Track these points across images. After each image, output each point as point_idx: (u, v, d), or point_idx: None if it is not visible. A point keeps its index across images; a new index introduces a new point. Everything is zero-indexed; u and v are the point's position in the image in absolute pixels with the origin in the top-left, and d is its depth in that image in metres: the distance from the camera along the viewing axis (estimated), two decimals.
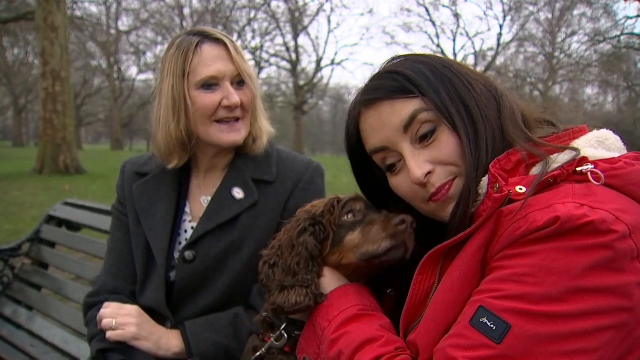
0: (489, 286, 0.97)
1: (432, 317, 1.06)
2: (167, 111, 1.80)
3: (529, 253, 0.94)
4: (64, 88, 16.29)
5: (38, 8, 16.14)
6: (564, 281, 0.90)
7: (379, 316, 1.21)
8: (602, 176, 1.00)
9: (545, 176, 1.01)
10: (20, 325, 2.97)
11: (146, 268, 1.90)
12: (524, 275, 0.93)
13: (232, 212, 1.84)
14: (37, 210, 9.40)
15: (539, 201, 0.97)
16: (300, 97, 43.70)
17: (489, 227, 1.01)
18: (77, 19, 35.69)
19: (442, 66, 1.17)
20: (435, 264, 1.10)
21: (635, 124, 36.49)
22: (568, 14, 40.05)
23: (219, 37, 1.81)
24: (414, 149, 1.16)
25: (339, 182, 14.71)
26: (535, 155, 1.08)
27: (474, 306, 0.97)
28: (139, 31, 44.77)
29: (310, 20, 45.74)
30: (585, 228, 0.90)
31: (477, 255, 1.02)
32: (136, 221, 1.93)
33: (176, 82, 1.78)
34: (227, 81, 1.80)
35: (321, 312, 1.24)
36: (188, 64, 1.77)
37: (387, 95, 1.16)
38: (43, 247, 3.27)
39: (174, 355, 1.75)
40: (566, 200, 0.95)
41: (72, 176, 15.80)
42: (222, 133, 1.81)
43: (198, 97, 1.78)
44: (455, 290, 1.03)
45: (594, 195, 0.96)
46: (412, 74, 1.15)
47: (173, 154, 1.87)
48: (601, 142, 1.11)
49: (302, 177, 1.91)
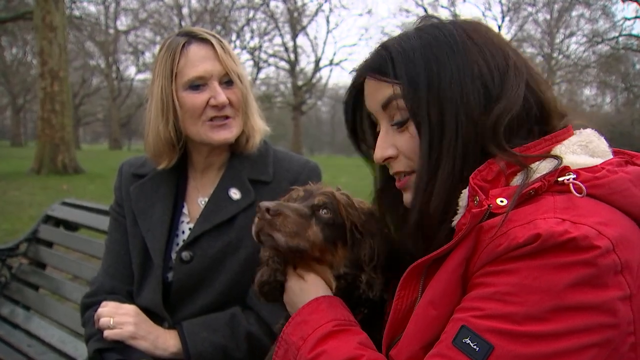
0: (472, 304, 0.95)
1: (412, 332, 1.04)
2: (157, 112, 1.82)
3: (511, 271, 0.91)
4: (62, 88, 16.28)
5: (36, 8, 16.12)
6: (547, 300, 0.88)
7: (355, 331, 1.18)
8: (584, 189, 0.97)
9: (526, 189, 0.98)
10: (18, 325, 2.97)
11: (143, 269, 1.90)
12: (506, 294, 0.91)
13: (229, 213, 1.84)
14: (35, 210, 9.38)
15: (519, 216, 0.94)
16: (299, 98, 43.70)
17: (470, 242, 0.99)
18: (75, 19, 35.67)
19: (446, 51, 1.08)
20: (417, 278, 1.07)
21: (633, 125, 36.59)
22: (566, 15, 40.14)
23: (206, 37, 1.81)
24: (389, 128, 1.16)
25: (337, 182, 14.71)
26: (515, 165, 1.04)
27: (457, 325, 0.95)
28: (137, 31, 44.80)
29: (309, 21, 45.81)
30: (567, 245, 0.88)
31: (458, 271, 0.99)
32: (133, 222, 1.94)
33: (165, 84, 1.79)
34: (215, 81, 1.80)
35: (295, 330, 1.20)
36: (176, 65, 1.78)
37: (373, 73, 1.15)
38: (41, 247, 3.27)
39: (172, 355, 1.75)
40: (547, 216, 0.92)
41: (71, 176, 15.79)
42: (213, 132, 1.81)
43: (186, 97, 1.79)
44: (436, 306, 1.01)
45: (576, 209, 0.93)
46: (398, 58, 1.10)
47: (162, 155, 1.88)
48: (584, 147, 1.07)
49: (299, 177, 1.90)
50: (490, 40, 1.11)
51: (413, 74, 1.08)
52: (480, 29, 1.13)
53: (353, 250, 1.30)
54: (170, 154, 1.88)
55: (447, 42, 1.08)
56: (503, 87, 1.07)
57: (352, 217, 1.31)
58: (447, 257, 1.02)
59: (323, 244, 1.29)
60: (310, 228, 1.27)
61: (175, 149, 1.87)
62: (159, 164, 1.91)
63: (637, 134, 35.42)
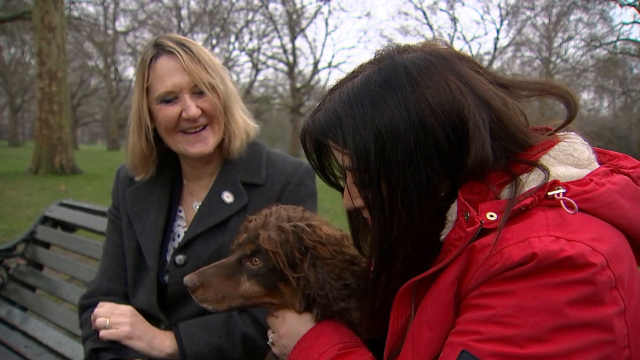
0: (470, 327, 0.94)
1: (410, 354, 1.03)
2: (134, 126, 1.86)
3: (508, 292, 0.91)
4: (60, 88, 16.27)
5: (35, 8, 16.11)
6: (547, 320, 0.88)
7: (361, 352, 1.18)
8: (576, 206, 0.96)
9: (517, 205, 0.97)
10: (15, 326, 2.96)
11: (137, 271, 1.91)
12: (505, 317, 0.90)
13: (222, 216, 1.84)
14: (33, 210, 9.37)
15: (512, 234, 0.94)
16: (298, 100, 43.69)
17: (462, 260, 0.97)
18: (74, 19, 35.67)
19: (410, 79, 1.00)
20: (409, 297, 1.07)
21: (630, 130, 36.62)
22: (565, 19, 40.23)
23: (172, 50, 1.78)
24: (352, 184, 1.11)
25: None
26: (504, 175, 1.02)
27: (456, 349, 0.94)
28: (136, 32, 44.77)
29: (308, 23, 45.88)
30: (563, 264, 0.88)
31: (451, 291, 0.98)
32: (128, 225, 1.95)
33: (139, 98, 1.81)
34: (186, 93, 1.78)
35: (300, 355, 1.21)
36: (145, 80, 1.79)
37: (324, 139, 1.11)
38: (38, 247, 3.26)
39: (167, 356, 1.75)
40: (541, 234, 0.91)
41: (68, 177, 15.77)
42: (189, 145, 1.82)
43: (159, 111, 1.80)
44: (431, 327, 1.00)
45: (568, 225, 0.93)
46: (345, 122, 1.03)
47: (138, 167, 1.92)
48: (570, 155, 1.05)
49: (292, 179, 1.91)
50: (442, 89, 1.01)
51: (362, 146, 1.02)
52: (434, 71, 1.03)
53: (300, 286, 1.26)
54: (145, 166, 1.91)
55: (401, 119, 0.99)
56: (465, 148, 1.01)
57: (282, 258, 1.25)
58: (438, 275, 1.02)
59: (264, 292, 1.29)
60: (241, 285, 1.28)
61: (148, 162, 1.90)
62: (136, 175, 1.94)
63: (634, 138, 35.47)
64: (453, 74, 1.02)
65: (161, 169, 1.96)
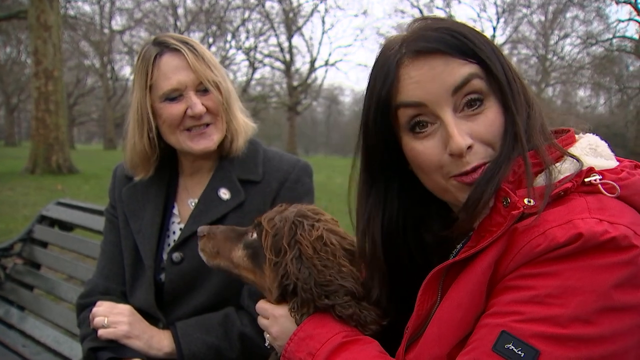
0: (510, 308, 0.92)
1: (436, 336, 1.02)
2: (134, 125, 1.84)
3: (552, 273, 0.90)
4: (56, 87, 16.22)
5: (31, 7, 16.05)
6: (592, 301, 0.87)
7: (366, 340, 1.16)
8: (618, 189, 0.96)
9: (556, 189, 0.97)
10: (12, 325, 2.96)
11: (134, 270, 1.91)
12: (548, 297, 0.89)
13: (218, 213, 1.84)
14: (30, 210, 9.36)
15: (554, 217, 0.93)
16: (294, 98, 43.69)
17: (501, 244, 0.97)
18: (70, 18, 35.52)
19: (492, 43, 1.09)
20: (437, 281, 1.06)
21: (627, 127, 36.70)
22: (561, 16, 40.30)
23: (177, 47, 1.78)
24: (455, 117, 1.04)
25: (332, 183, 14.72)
26: (539, 164, 1.02)
27: (495, 331, 0.91)
28: (132, 31, 44.64)
29: (305, 21, 45.83)
30: (608, 245, 0.88)
31: (487, 274, 0.97)
32: (125, 224, 1.95)
33: (141, 96, 1.80)
34: (191, 90, 1.78)
35: (299, 347, 1.16)
36: (149, 78, 1.78)
37: (446, 50, 1.03)
38: (35, 247, 3.26)
39: (165, 355, 1.76)
40: (584, 216, 0.91)
41: (65, 176, 15.73)
42: (193, 141, 1.82)
43: (163, 109, 1.79)
44: (463, 309, 0.99)
45: (609, 210, 0.93)
46: (473, 38, 1.04)
47: (138, 167, 1.91)
48: (594, 150, 1.07)
49: (289, 177, 1.91)
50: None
51: (492, 55, 1.05)
52: None
53: (277, 273, 1.27)
54: (146, 166, 1.90)
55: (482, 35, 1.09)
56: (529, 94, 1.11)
57: (270, 240, 1.28)
58: (471, 260, 1.01)
59: (249, 266, 1.32)
60: (235, 250, 1.34)
61: (150, 161, 1.89)
62: (136, 175, 1.93)
63: (630, 136, 35.56)
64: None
65: (158, 167, 1.96)
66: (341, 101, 74.34)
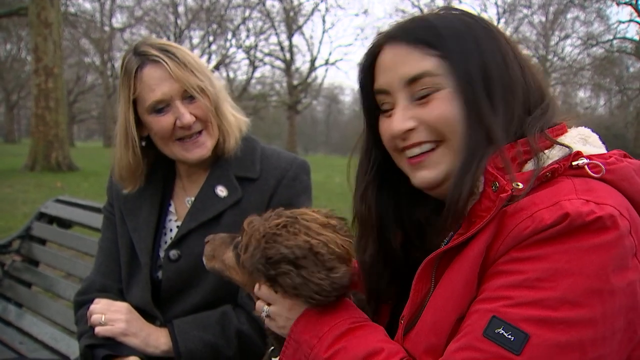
0: (499, 293, 0.93)
1: (432, 323, 1.02)
2: (120, 138, 1.83)
3: (541, 256, 0.90)
4: (56, 85, 16.24)
5: (31, 4, 16.06)
6: (580, 283, 0.87)
7: (373, 326, 1.16)
8: (603, 168, 0.98)
9: (543, 171, 0.99)
10: (10, 322, 2.96)
11: (130, 267, 1.91)
12: (537, 280, 0.89)
13: (215, 210, 1.84)
14: (29, 207, 9.35)
15: (542, 199, 0.95)
16: (294, 97, 43.67)
17: (492, 227, 0.97)
18: (70, 16, 35.56)
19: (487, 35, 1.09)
20: (430, 269, 1.07)
21: (627, 128, 36.76)
22: (562, 17, 40.32)
23: (156, 59, 1.74)
24: (408, 103, 1.11)
25: (331, 182, 14.71)
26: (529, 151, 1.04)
27: (486, 316, 0.92)
28: (133, 29, 44.61)
29: (305, 20, 45.79)
30: (594, 225, 0.89)
31: (479, 259, 0.98)
32: (122, 221, 1.95)
33: (126, 110, 1.78)
34: (178, 100, 1.76)
35: (306, 329, 1.15)
36: (132, 92, 1.76)
37: (410, 40, 1.09)
38: (34, 244, 3.26)
39: (163, 353, 1.76)
40: (571, 197, 0.93)
41: (65, 173, 15.75)
42: (187, 151, 1.81)
43: (152, 122, 1.78)
44: (457, 296, 0.99)
45: (595, 191, 0.95)
46: (446, 32, 1.07)
47: (125, 180, 1.89)
48: (584, 139, 1.09)
49: (286, 174, 1.90)
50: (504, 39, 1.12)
51: (464, 49, 1.07)
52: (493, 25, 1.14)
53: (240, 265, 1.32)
54: (132, 180, 1.88)
55: (484, 28, 1.10)
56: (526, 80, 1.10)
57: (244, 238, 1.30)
58: (463, 247, 1.02)
59: (235, 266, 1.36)
60: (227, 252, 1.39)
61: (135, 175, 1.87)
62: (125, 188, 1.91)
63: (630, 137, 35.60)
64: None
65: (154, 167, 1.95)
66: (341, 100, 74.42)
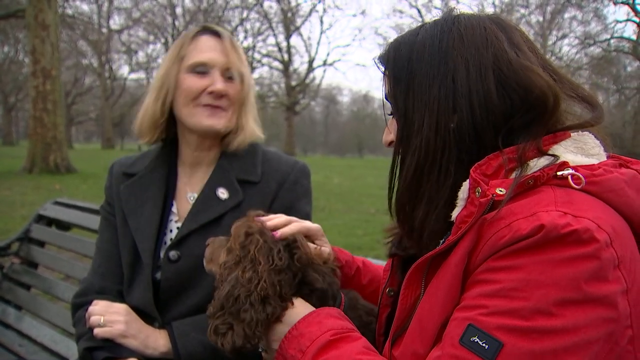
0: (476, 302, 0.95)
1: (418, 331, 1.04)
2: (152, 92, 1.89)
3: (516, 267, 0.92)
4: (54, 87, 16.20)
5: (29, 6, 16.04)
6: (553, 294, 0.88)
7: (354, 336, 1.18)
8: (583, 180, 0.99)
9: (524, 178, 0.99)
10: (9, 325, 2.95)
11: (133, 268, 1.90)
12: (511, 290, 0.91)
13: (216, 212, 1.84)
14: (27, 209, 9.34)
15: (521, 209, 0.95)
16: (293, 98, 43.73)
17: (473, 234, 0.99)
18: (68, 17, 35.54)
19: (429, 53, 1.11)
20: (420, 275, 1.08)
21: (624, 127, 36.80)
22: (559, 17, 40.41)
23: (218, 31, 1.88)
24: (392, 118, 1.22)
25: (330, 182, 14.71)
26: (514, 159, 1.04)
27: (463, 324, 0.94)
28: (130, 30, 44.70)
29: (303, 21, 45.87)
30: (569, 238, 0.89)
31: (460, 267, 0.99)
32: (123, 222, 1.94)
33: (170, 65, 1.85)
34: (218, 71, 1.84)
35: (292, 344, 1.19)
36: (184, 49, 1.85)
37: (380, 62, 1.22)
38: (33, 246, 3.25)
39: (162, 355, 1.75)
40: (549, 209, 0.93)
41: (63, 175, 15.72)
42: (203, 117, 1.84)
43: (186, 79, 1.83)
44: (441, 303, 1.01)
45: (576, 204, 0.95)
46: (396, 56, 1.17)
47: (144, 130, 1.93)
48: (580, 148, 1.09)
49: (288, 178, 1.91)
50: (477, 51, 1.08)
51: (396, 70, 1.15)
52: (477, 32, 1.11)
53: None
54: (152, 129, 1.92)
55: (432, 45, 1.12)
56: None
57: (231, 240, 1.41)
58: (450, 251, 1.02)
59: None
60: (222, 255, 1.43)
61: (157, 124, 1.91)
62: (142, 138, 1.97)
63: (628, 136, 35.66)
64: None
65: (158, 163, 1.96)
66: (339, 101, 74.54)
